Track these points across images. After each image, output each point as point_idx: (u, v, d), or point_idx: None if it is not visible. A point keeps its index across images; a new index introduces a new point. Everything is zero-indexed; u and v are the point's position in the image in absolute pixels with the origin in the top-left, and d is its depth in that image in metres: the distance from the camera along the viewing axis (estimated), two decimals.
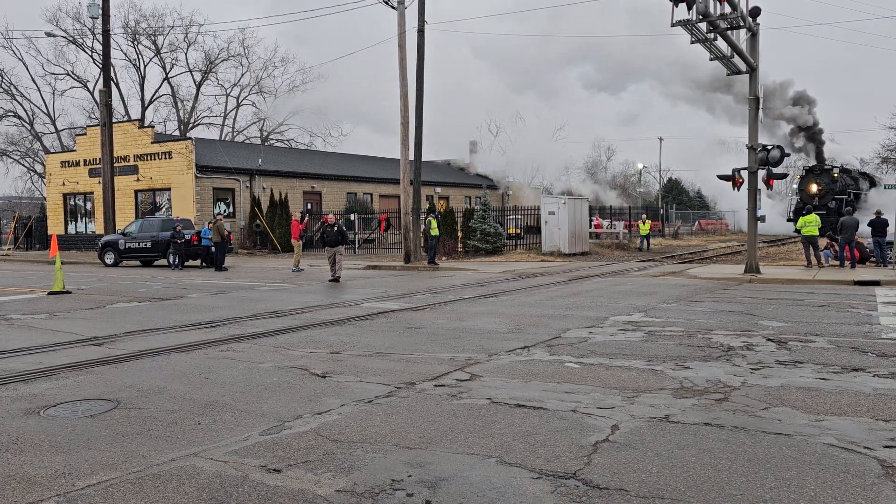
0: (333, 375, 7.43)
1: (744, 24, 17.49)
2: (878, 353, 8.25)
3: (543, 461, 4.74)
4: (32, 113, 53.08)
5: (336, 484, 4.39)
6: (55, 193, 39.23)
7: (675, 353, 8.36)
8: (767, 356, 8.15)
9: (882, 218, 20.46)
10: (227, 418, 5.86)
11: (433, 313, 12.31)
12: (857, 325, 10.40)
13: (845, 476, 4.43)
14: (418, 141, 24.61)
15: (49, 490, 4.38)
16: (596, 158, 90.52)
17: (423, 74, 24.37)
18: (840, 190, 42.76)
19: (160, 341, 9.67)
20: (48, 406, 6.33)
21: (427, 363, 8.00)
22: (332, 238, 19.01)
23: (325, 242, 19.45)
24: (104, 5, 30.25)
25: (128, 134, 35.65)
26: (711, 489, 4.24)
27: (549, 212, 29.63)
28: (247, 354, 8.66)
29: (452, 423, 5.62)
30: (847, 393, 6.45)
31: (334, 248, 18.84)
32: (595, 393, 6.55)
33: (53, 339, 9.97)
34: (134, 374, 7.63)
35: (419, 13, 24.23)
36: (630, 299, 14.05)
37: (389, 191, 40.98)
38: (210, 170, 33.67)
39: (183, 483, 4.44)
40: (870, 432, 5.29)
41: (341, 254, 18.94)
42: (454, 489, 4.29)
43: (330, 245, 19.01)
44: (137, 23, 51.48)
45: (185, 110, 54.65)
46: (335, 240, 18.96)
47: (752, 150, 18.83)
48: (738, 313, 11.84)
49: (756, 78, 19.05)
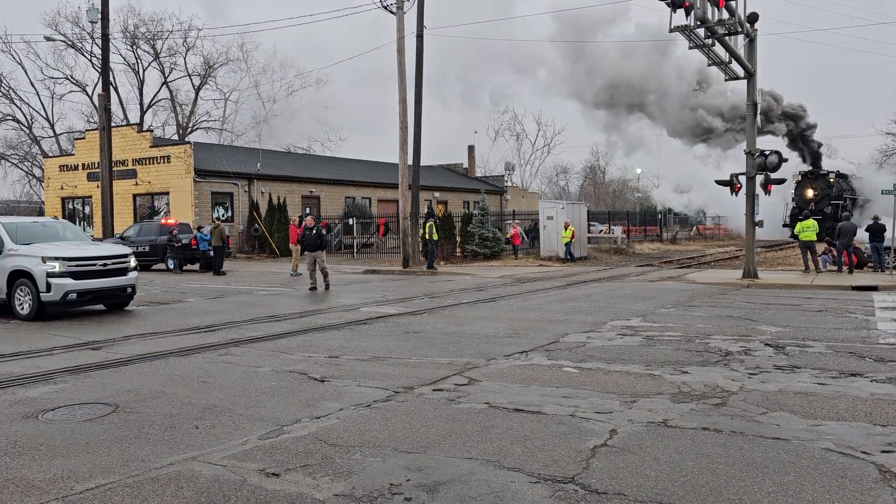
0: (332, 380, 7.43)
1: (741, 30, 17.55)
2: (876, 358, 8.27)
3: (542, 465, 4.74)
4: (31, 117, 53.12)
5: (335, 488, 4.40)
6: (53, 197, 39.20)
7: (674, 358, 8.37)
8: (765, 361, 8.16)
9: (880, 223, 20.50)
10: (226, 422, 5.86)
11: (432, 318, 12.31)
12: (855, 330, 10.42)
13: (843, 481, 4.44)
14: (417, 145, 24.64)
15: (48, 494, 4.37)
16: (594, 163, 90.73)
17: (422, 79, 24.43)
18: (836, 195, 42.82)
19: (158, 345, 9.66)
20: (46, 410, 6.33)
21: (425, 367, 8.01)
22: (311, 242, 17.78)
23: (303, 247, 18.32)
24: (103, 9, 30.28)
25: (126, 138, 35.65)
26: (709, 494, 4.25)
27: (548, 216, 29.63)
28: (245, 359, 8.66)
29: (451, 428, 5.62)
30: (845, 398, 6.46)
31: (313, 253, 17.64)
32: (593, 397, 6.55)
33: (52, 343, 9.96)
34: (132, 377, 7.63)
35: (418, 19, 24.29)
36: (628, 304, 14.06)
37: (388, 195, 40.98)
38: (209, 174, 33.67)
39: (181, 487, 4.44)
40: (867, 437, 5.30)
41: (323, 259, 17.76)
42: (453, 493, 4.29)
43: (308, 250, 17.84)
44: (136, 27, 51.60)
45: (183, 114, 54.71)
46: (314, 244, 17.68)
47: (751, 155, 18.88)
48: (736, 318, 11.85)
49: (754, 83, 19.10)
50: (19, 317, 12.43)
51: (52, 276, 12.17)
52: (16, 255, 12.56)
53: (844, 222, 20.91)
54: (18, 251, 12.59)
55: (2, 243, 12.74)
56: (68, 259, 12.38)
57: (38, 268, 12.22)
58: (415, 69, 24.36)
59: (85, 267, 12.63)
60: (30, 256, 12.41)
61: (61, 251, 12.58)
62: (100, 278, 12.81)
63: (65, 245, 13.22)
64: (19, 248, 12.64)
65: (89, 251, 13.04)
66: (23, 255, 12.50)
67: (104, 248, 13.76)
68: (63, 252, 12.52)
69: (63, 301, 12.27)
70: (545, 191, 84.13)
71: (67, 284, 12.25)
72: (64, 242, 13.51)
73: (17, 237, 12.96)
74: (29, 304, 12.38)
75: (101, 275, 12.88)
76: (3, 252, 12.69)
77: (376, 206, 41.60)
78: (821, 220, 34.81)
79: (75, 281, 12.37)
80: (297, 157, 47.14)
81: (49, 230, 14.05)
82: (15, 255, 12.56)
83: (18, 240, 12.89)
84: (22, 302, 12.48)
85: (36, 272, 12.20)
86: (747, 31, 18.04)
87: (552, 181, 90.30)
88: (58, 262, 12.26)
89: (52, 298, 12.17)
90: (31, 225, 14.10)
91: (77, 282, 12.40)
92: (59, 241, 13.51)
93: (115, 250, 13.61)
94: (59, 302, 12.25)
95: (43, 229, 13.97)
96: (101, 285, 12.82)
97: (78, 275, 12.47)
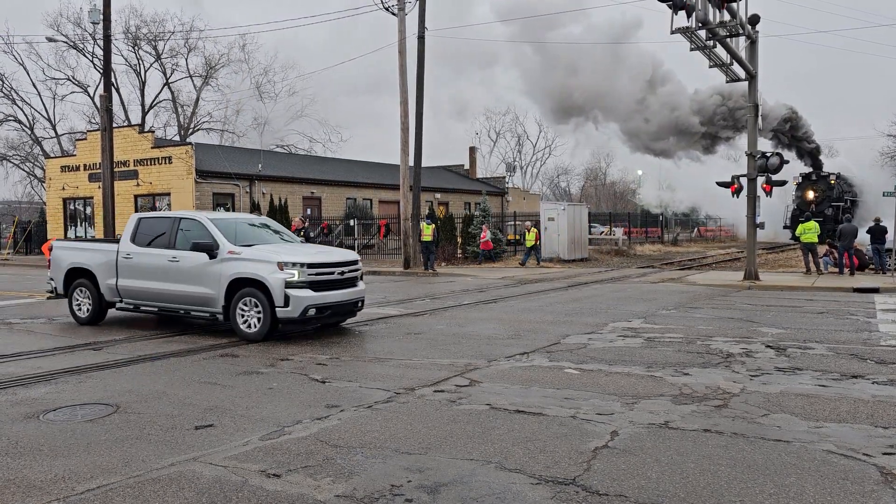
0: (333, 381, 7.43)
1: (743, 32, 17.55)
2: (877, 360, 8.26)
3: (543, 467, 4.74)
4: (33, 117, 53.14)
5: (336, 489, 4.40)
6: (55, 198, 39.24)
7: (675, 360, 8.36)
8: (767, 363, 8.16)
9: (881, 225, 20.50)
10: (227, 423, 5.87)
11: (432, 319, 12.31)
12: (856, 332, 10.41)
13: (844, 483, 4.43)
14: (418, 146, 24.64)
15: (49, 494, 4.38)
16: (595, 165, 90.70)
17: (423, 80, 24.43)
18: (837, 197, 42.77)
19: (159, 346, 9.67)
20: (48, 410, 6.34)
21: (426, 369, 8.01)
22: None
23: None
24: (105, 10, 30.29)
25: (128, 139, 35.69)
26: (711, 495, 4.25)
27: (549, 218, 29.63)
28: (246, 359, 8.66)
29: (452, 429, 5.62)
30: (846, 400, 6.46)
31: None
32: (594, 399, 6.55)
33: (53, 343, 9.97)
34: (133, 378, 7.63)
35: (419, 20, 24.31)
36: (629, 305, 14.05)
37: (389, 196, 40.98)
38: (210, 175, 33.69)
39: (182, 488, 4.44)
40: (869, 439, 5.30)
41: None
42: (454, 494, 4.29)
43: None
44: (138, 28, 51.59)
45: (185, 115, 54.74)
46: None
47: (752, 157, 18.87)
48: (738, 320, 11.85)
49: (755, 85, 19.11)
50: (242, 335, 9.99)
51: (290, 286, 9.75)
52: (238, 259, 10.09)
53: (845, 224, 20.92)
54: (241, 255, 10.11)
55: (216, 244, 10.27)
56: (309, 265, 9.99)
57: (273, 276, 9.75)
58: (416, 70, 24.39)
59: (324, 276, 10.20)
60: (261, 262, 9.94)
61: (297, 255, 10.16)
62: (336, 290, 10.35)
63: (293, 248, 10.90)
64: (242, 252, 10.15)
65: (326, 256, 10.65)
66: (249, 259, 10.04)
67: (337, 253, 11.27)
68: (300, 257, 10.11)
69: (301, 318, 9.87)
70: (546, 192, 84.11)
71: (308, 297, 9.81)
72: (285, 244, 11.23)
73: (235, 238, 10.60)
74: (258, 319, 9.89)
75: (338, 285, 10.43)
76: (218, 255, 10.22)
77: (377, 208, 41.61)
78: (822, 222, 34.80)
79: (314, 293, 9.94)
80: (298, 158, 47.16)
81: (258, 229, 11.64)
82: (237, 260, 10.09)
83: (237, 240, 10.53)
84: (247, 317, 9.97)
85: (271, 281, 9.71)
86: (748, 32, 18.05)
87: (553, 182, 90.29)
88: (297, 268, 9.84)
89: (290, 315, 9.75)
90: (242, 222, 11.55)
91: (316, 294, 9.96)
92: (278, 244, 11.19)
93: (347, 255, 11.14)
94: (297, 319, 9.87)
95: (252, 228, 11.54)
96: (338, 299, 10.33)
97: (317, 285, 10.04)
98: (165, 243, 10.84)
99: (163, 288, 10.72)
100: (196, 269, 10.35)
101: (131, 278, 11.11)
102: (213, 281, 10.20)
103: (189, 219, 10.96)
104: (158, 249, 10.86)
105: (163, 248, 10.82)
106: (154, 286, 10.82)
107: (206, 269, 10.25)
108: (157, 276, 10.78)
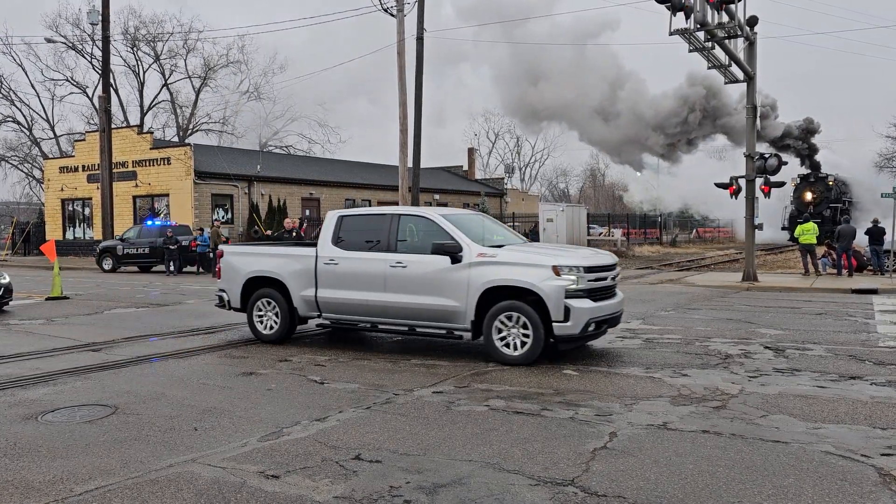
0: (331, 382, 7.43)
1: (741, 33, 17.57)
2: (876, 362, 8.27)
3: (541, 468, 4.74)
4: (31, 118, 53.12)
5: (334, 490, 4.40)
6: (53, 199, 39.23)
7: (673, 361, 8.37)
8: (765, 364, 8.16)
9: (879, 226, 20.53)
10: (226, 424, 5.86)
11: None
12: (855, 334, 10.42)
13: (843, 484, 4.44)
14: (417, 147, 24.67)
15: (47, 495, 4.37)
16: (593, 166, 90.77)
17: (422, 82, 24.46)
18: (835, 198, 42.80)
19: (158, 347, 9.66)
20: (46, 411, 6.33)
21: (426, 369, 8.00)
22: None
23: None
24: (104, 11, 30.36)
25: (127, 140, 35.68)
26: (709, 496, 4.25)
27: (548, 219, 29.68)
28: (244, 360, 8.66)
29: (450, 430, 5.62)
30: (844, 401, 6.46)
31: None
32: (593, 400, 6.55)
33: (51, 344, 9.96)
34: (132, 379, 7.63)
35: (418, 21, 24.35)
36: (628, 306, 13.99)
37: (388, 197, 40.98)
38: (209, 176, 33.69)
39: (181, 489, 4.44)
40: (867, 440, 5.30)
41: None
42: (452, 496, 4.29)
43: None
44: (137, 29, 51.58)
45: (183, 116, 54.71)
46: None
47: (750, 158, 18.90)
48: (736, 321, 11.86)
49: (754, 86, 19.13)
50: (501, 358, 8.21)
51: (569, 295, 7.94)
52: (492, 263, 8.26)
53: (844, 225, 20.94)
54: (496, 257, 8.29)
55: (458, 246, 8.42)
56: (587, 269, 8.17)
57: (548, 283, 7.90)
58: (415, 71, 24.40)
59: (601, 282, 8.46)
60: (528, 266, 8.11)
61: (572, 257, 8.35)
62: (608, 299, 8.61)
63: (556, 248, 9.52)
64: (497, 254, 8.34)
65: (597, 257, 8.84)
66: (508, 263, 8.22)
67: (602, 254, 9.31)
68: (576, 259, 8.31)
69: (581, 334, 8.07)
70: (545, 193, 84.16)
71: (588, 309, 8.02)
72: (534, 244, 9.84)
73: (483, 237, 8.91)
74: (523, 338, 8.09)
75: (608, 293, 8.70)
76: (461, 259, 8.37)
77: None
78: (820, 223, 34.81)
79: (593, 303, 8.15)
80: (297, 159, 47.18)
81: (490, 225, 9.91)
82: (491, 264, 8.25)
83: (484, 241, 8.79)
84: (508, 336, 8.18)
85: (546, 290, 7.88)
86: (747, 34, 18.07)
87: (552, 184, 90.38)
88: (575, 273, 8.01)
89: (570, 331, 7.93)
90: (472, 218, 9.77)
91: (594, 304, 8.16)
92: (528, 244, 9.81)
93: (609, 256, 9.16)
94: (577, 336, 8.07)
95: (483, 224, 9.65)
96: (612, 310, 8.58)
97: (594, 293, 8.27)
98: (384, 246, 9.00)
99: (382, 300, 8.86)
100: (432, 277, 8.52)
101: (336, 288, 9.26)
102: (457, 290, 8.36)
103: (415, 216, 9.33)
104: (374, 253, 9.01)
105: (381, 252, 8.98)
106: (370, 297, 8.96)
107: (448, 275, 8.40)
108: (375, 286, 8.91)
